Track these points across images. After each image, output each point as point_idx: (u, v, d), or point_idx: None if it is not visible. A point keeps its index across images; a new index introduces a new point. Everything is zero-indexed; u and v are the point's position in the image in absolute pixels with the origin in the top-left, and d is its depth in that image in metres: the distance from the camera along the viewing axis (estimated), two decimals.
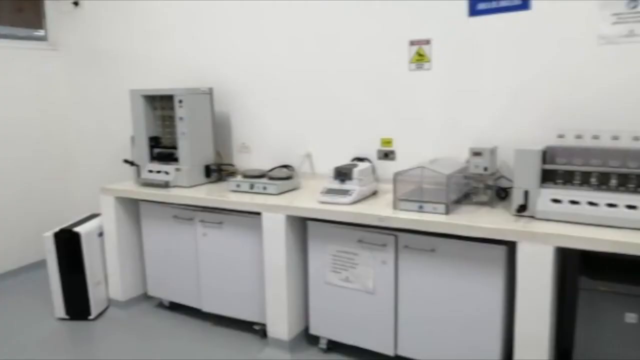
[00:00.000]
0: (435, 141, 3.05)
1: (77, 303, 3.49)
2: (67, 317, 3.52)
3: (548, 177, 2.40)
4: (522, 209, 2.40)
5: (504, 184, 2.80)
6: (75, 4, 4.38)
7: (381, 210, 2.62)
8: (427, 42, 2.97)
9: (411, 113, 3.11)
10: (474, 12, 2.82)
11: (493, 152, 2.65)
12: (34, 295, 3.94)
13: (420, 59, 3.00)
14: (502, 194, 2.78)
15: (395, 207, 2.60)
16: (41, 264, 4.23)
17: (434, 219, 2.43)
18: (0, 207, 4.27)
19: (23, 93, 4.38)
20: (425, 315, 2.61)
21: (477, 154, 2.63)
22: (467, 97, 2.93)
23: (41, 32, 4.57)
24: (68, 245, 3.40)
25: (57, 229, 3.42)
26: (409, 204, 2.56)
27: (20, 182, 4.40)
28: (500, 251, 2.38)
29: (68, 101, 4.66)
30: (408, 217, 2.49)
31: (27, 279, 4.32)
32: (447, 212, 2.48)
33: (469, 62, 2.89)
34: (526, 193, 2.40)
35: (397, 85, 3.12)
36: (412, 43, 3.01)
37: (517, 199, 2.43)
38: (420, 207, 2.53)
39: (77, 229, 3.40)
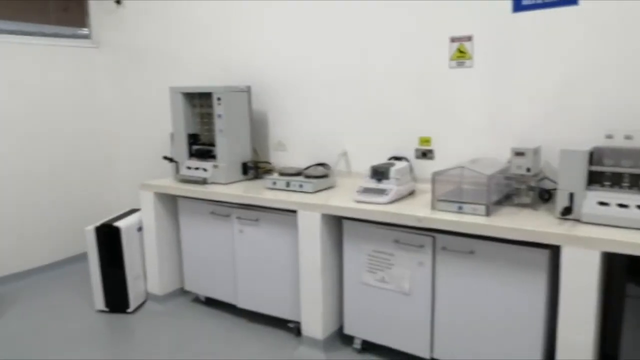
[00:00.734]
0: (476, 140, 2.97)
1: (116, 296, 3.56)
2: (106, 309, 3.60)
3: (595, 179, 2.31)
4: (566, 211, 2.32)
5: (547, 185, 2.71)
6: (118, 2, 4.47)
7: (419, 210, 2.57)
8: (469, 38, 2.90)
9: (451, 111, 3.04)
10: (518, 7, 2.73)
11: (536, 152, 2.57)
12: (76, 287, 4.05)
13: (461, 56, 2.93)
14: (545, 196, 2.69)
15: (433, 207, 2.55)
16: (82, 257, 4.35)
17: (474, 221, 2.36)
18: (45, 201, 4.41)
19: (67, 90, 4.50)
20: (463, 319, 2.55)
21: (519, 154, 2.55)
22: (509, 95, 2.84)
23: (85, 31, 4.69)
24: (108, 239, 3.47)
25: (98, 224, 3.49)
26: (448, 204, 2.51)
27: (63, 177, 4.53)
28: (543, 255, 2.30)
29: (110, 98, 4.76)
30: (447, 218, 2.43)
31: (69, 271, 4.44)
32: (487, 214, 2.41)
33: (512, 59, 2.80)
34: (571, 195, 2.31)
35: (437, 82, 3.06)
36: (453, 40, 2.95)
37: (561, 201, 2.34)
38: (460, 208, 2.47)
39: (117, 224, 3.47)
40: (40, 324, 3.48)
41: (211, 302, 3.67)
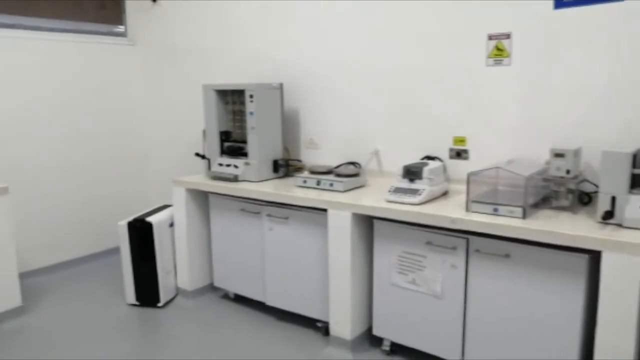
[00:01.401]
0: (512, 141, 2.89)
1: (147, 290, 3.60)
2: (137, 303, 3.64)
3: (638, 182, 2.21)
4: (608, 215, 2.23)
5: (587, 188, 2.61)
6: (154, 0, 4.52)
7: (452, 211, 2.51)
8: (507, 36, 2.82)
9: (487, 110, 2.96)
10: (560, 4, 2.64)
11: (577, 153, 2.48)
12: (108, 281, 4.11)
13: (499, 53, 2.86)
14: (584, 199, 2.60)
15: (468, 209, 2.49)
16: (115, 251, 4.42)
17: (510, 223, 2.29)
18: (79, 196, 4.49)
19: (103, 86, 4.58)
20: (496, 323, 2.48)
21: (559, 155, 2.46)
22: (549, 95, 2.75)
23: (121, 28, 4.76)
24: (140, 234, 3.51)
25: (130, 218, 3.53)
26: (483, 206, 2.44)
27: (98, 172, 4.61)
28: (582, 260, 2.21)
29: (144, 95, 4.82)
30: (482, 219, 2.36)
31: (102, 264, 4.52)
32: (524, 217, 2.33)
33: (552, 57, 2.71)
34: (613, 199, 2.22)
35: (473, 81, 2.99)
36: (491, 37, 2.87)
37: (602, 205, 2.25)
38: (495, 209, 2.40)
39: (149, 219, 3.51)
40: (72, 315, 3.54)
41: (240, 299, 3.68)
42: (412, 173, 2.78)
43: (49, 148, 4.24)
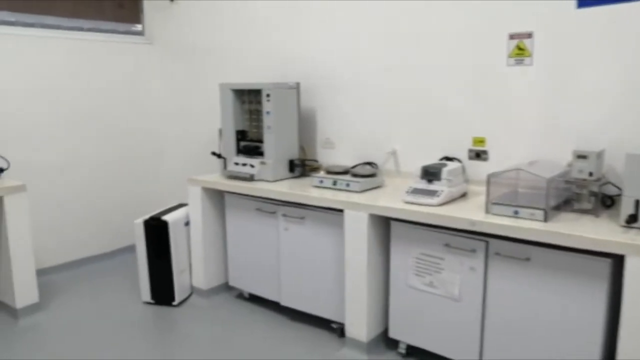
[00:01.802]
0: (533, 142, 2.84)
1: (162, 289, 3.60)
2: (152, 301, 3.64)
3: None
4: (632, 219, 2.17)
5: (609, 191, 2.56)
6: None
7: (472, 213, 2.47)
8: (529, 35, 2.77)
9: (507, 111, 2.92)
10: (583, 3, 2.59)
11: (600, 155, 2.43)
12: (124, 278, 4.12)
13: (520, 53, 2.81)
14: (607, 202, 2.55)
15: (487, 211, 2.45)
16: (131, 249, 4.43)
17: (531, 226, 2.25)
18: (96, 193, 4.52)
19: (120, 85, 4.60)
20: (516, 328, 2.44)
21: (581, 157, 2.41)
22: (571, 95, 2.70)
23: (139, 27, 4.77)
24: (156, 232, 3.51)
25: (146, 217, 3.54)
26: (503, 208, 2.40)
27: (114, 170, 4.63)
28: (605, 264, 2.16)
29: (161, 93, 4.83)
30: (502, 222, 2.32)
31: (118, 262, 4.54)
32: (545, 219, 2.29)
33: (575, 56, 2.66)
34: (637, 202, 2.17)
35: (493, 81, 2.94)
36: (512, 36, 2.82)
37: (626, 208, 2.20)
38: (516, 212, 2.36)
39: (165, 218, 3.51)
40: (88, 313, 3.56)
41: (254, 299, 3.67)
42: (430, 174, 2.74)
43: (65, 146, 4.27)
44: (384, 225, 2.88)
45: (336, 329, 3.15)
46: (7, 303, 3.47)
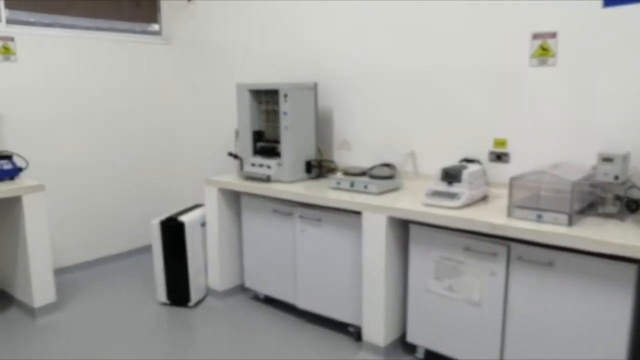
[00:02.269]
0: (556, 144, 2.77)
1: (178, 290, 3.59)
2: (168, 302, 3.64)
3: None
4: None
5: (635, 194, 2.48)
6: None
7: (493, 216, 2.42)
8: (553, 35, 2.70)
9: (530, 112, 2.85)
10: (610, 2, 2.52)
11: (626, 158, 2.36)
12: (140, 279, 4.12)
13: (543, 53, 2.75)
14: (632, 206, 2.47)
15: (509, 214, 2.39)
16: (146, 249, 4.44)
17: (555, 230, 2.20)
18: (113, 193, 4.53)
19: (137, 85, 4.61)
20: (538, 334, 2.38)
21: (607, 160, 2.35)
22: (596, 96, 2.63)
23: (156, 27, 4.78)
24: (172, 233, 3.50)
25: (163, 217, 3.53)
26: (525, 211, 2.34)
27: (131, 170, 4.64)
28: (631, 270, 2.10)
29: (177, 94, 4.83)
30: (525, 226, 2.27)
31: (135, 262, 4.54)
32: (569, 224, 2.23)
33: (601, 57, 2.59)
34: None
35: (515, 82, 2.88)
36: (535, 36, 2.76)
37: None
38: (539, 216, 2.30)
39: (181, 218, 3.50)
40: (104, 312, 3.56)
41: (270, 301, 3.64)
42: (451, 176, 2.69)
43: (82, 145, 4.28)
44: (402, 228, 2.83)
45: (353, 333, 3.12)
46: (25, 302, 3.49)
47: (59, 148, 4.13)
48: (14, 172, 3.44)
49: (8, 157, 3.46)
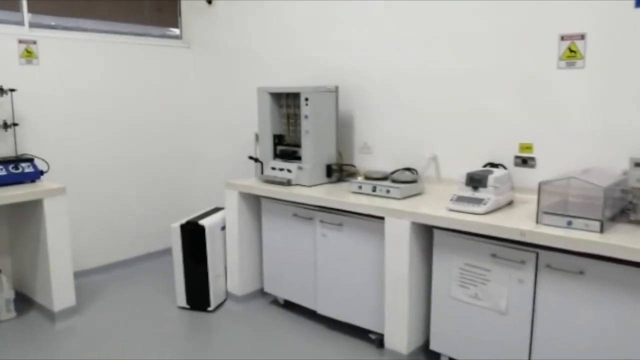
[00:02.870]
0: (585, 149, 2.70)
1: (198, 294, 3.57)
2: (187, 306, 3.62)
3: None
4: None
5: None
6: (209, 2, 4.52)
7: (521, 223, 2.36)
8: (582, 36, 2.64)
9: (557, 116, 2.79)
10: None
11: None
12: (159, 282, 4.12)
13: (571, 55, 2.68)
14: None
15: (538, 220, 2.33)
16: (165, 252, 4.44)
17: (586, 238, 2.13)
18: (133, 196, 4.53)
19: (158, 89, 4.61)
20: (567, 345, 2.31)
21: (639, 165, 2.28)
22: (627, 99, 2.56)
23: (176, 31, 4.79)
24: (193, 237, 3.48)
25: (183, 221, 3.52)
26: (555, 218, 2.28)
27: (152, 173, 4.64)
28: None
29: (197, 97, 4.83)
30: (554, 233, 2.21)
31: (154, 265, 4.53)
32: (601, 231, 2.16)
33: (632, 59, 2.52)
34: None
35: (542, 84, 2.81)
36: (563, 38, 2.70)
37: None
38: (569, 222, 2.23)
39: (201, 222, 3.48)
40: (123, 317, 3.55)
41: (290, 306, 3.60)
42: (476, 181, 2.64)
43: (103, 149, 4.29)
44: (426, 234, 2.78)
45: (374, 340, 3.07)
46: (45, 306, 3.49)
47: (79, 151, 4.14)
48: (35, 175, 3.46)
49: (30, 160, 3.48)
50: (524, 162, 2.92)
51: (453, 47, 3.14)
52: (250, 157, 3.69)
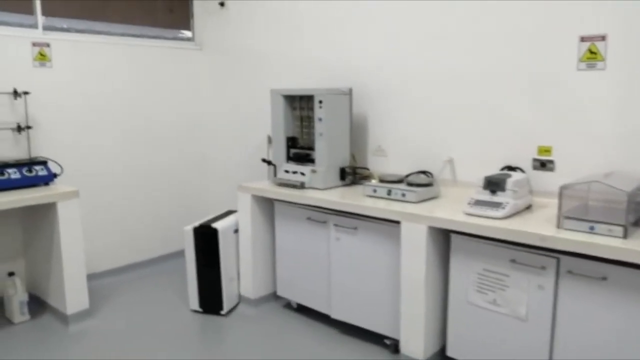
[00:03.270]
0: (606, 152, 2.65)
1: (211, 297, 3.55)
2: (200, 310, 3.60)
3: None
4: None
5: None
6: (222, 4, 4.51)
7: (541, 227, 2.31)
8: (602, 38, 2.59)
9: (576, 118, 2.73)
10: None
11: None
12: (171, 285, 4.10)
13: (592, 57, 2.63)
14: None
15: (559, 225, 2.28)
16: (178, 254, 4.42)
17: (609, 243, 2.08)
18: (145, 199, 4.53)
19: (170, 91, 4.60)
20: (588, 352, 2.26)
21: None
22: None
23: (188, 33, 4.78)
24: (206, 240, 3.46)
25: (196, 224, 3.50)
26: (577, 223, 2.23)
27: (162, 175, 4.63)
28: None
29: (210, 100, 4.82)
30: (576, 238, 2.16)
31: (167, 268, 4.52)
32: (624, 236, 2.11)
33: None
34: None
35: (561, 87, 2.76)
36: (583, 39, 2.65)
37: None
38: (592, 227, 2.19)
39: (214, 225, 3.46)
40: (136, 320, 3.54)
41: (303, 309, 3.57)
42: (494, 184, 2.59)
43: (115, 151, 4.29)
44: (442, 238, 2.74)
45: (390, 345, 3.03)
46: (58, 309, 3.49)
47: (92, 153, 4.14)
48: (48, 178, 3.46)
49: (43, 163, 3.48)
50: (543, 165, 2.87)
51: (469, 48, 3.10)
52: (264, 160, 3.66)
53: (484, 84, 3.06)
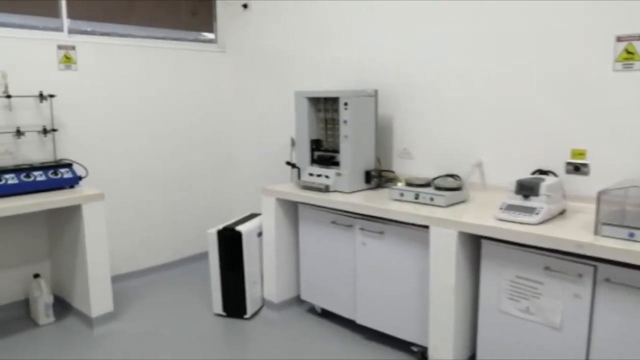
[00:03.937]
0: None
1: (234, 301, 3.52)
2: (224, 313, 3.57)
3: None
4: None
5: None
6: (245, 6, 4.49)
7: (577, 234, 2.23)
8: None
9: (613, 120, 2.64)
10: None
11: None
12: (195, 287, 4.09)
13: (629, 57, 2.54)
14: None
15: (597, 232, 2.20)
16: (201, 256, 4.42)
17: None
18: (169, 201, 4.52)
19: (193, 94, 4.60)
20: None
21: None
22: None
23: (211, 35, 4.77)
24: (230, 243, 3.44)
25: (220, 227, 3.47)
26: (615, 229, 2.15)
27: (187, 177, 4.63)
28: None
29: (232, 102, 4.81)
30: (615, 245, 2.08)
31: (191, 270, 4.52)
32: None
33: None
34: None
35: (596, 88, 2.68)
36: (620, 39, 2.56)
37: None
38: (631, 234, 2.10)
39: (238, 228, 3.43)
40: (159, 323, 3.53)
41: (327, 314, 3.53)
42: (527, 189, 2.52)
43: (140, 154, 4.29)
44: (473, 244, 2.67)
45: (417, 352, 2.97)
46: (83, 311, 3.49)
47: (116, 156, 4.15)
48: (74, 181, 3.47)
49: (68, 166, 3.49)
50: (577, 169, 2.78)
51: (499, 48, 3.02)
52: (288, 163, 3.63)
53: (514, 85, 2.99)
